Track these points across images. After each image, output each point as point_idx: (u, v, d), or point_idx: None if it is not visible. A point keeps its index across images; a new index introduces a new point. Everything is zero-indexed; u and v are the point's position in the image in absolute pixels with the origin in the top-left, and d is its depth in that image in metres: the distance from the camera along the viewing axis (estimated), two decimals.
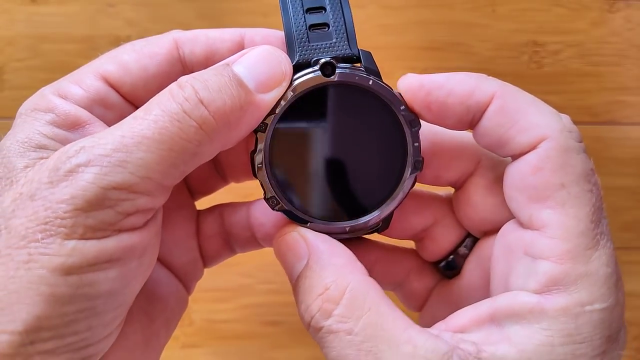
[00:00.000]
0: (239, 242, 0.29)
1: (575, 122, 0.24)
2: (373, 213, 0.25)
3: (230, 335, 0.51)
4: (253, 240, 0.28)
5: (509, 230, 0.24)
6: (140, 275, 0.22)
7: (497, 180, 0.25)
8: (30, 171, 0.21)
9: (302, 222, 0.25)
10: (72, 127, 0.22)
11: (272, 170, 0.24)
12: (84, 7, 0.48)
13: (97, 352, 0.21)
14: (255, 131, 0.23)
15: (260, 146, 0.24)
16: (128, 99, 0.24)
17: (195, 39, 0.24)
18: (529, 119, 0.22)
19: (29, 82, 0.48)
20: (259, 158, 0.24)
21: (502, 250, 0.24)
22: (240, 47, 0.24)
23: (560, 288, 0.21)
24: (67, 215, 0.19)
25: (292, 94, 0.23)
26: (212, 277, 0.30)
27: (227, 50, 0.24)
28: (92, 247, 0.19)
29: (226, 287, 0.50)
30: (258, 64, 0.22)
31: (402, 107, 0.24)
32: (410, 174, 0.24)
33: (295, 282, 0.23)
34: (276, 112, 0.23)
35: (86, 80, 0.23)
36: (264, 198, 0.24)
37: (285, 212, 0.24)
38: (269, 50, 0.23)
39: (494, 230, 0.25)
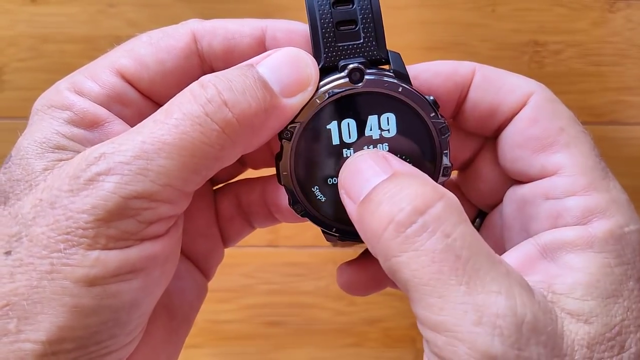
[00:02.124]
0: (257, 219, 0.28)
1: None
2: None
3: (232, 335, 0.51)
4: (271, 215, 0.28)
5: (517, 188, 0.24)
6: (162, 283, 0.22)
7: None
8: (49, 175, 0.20)
9: (328, 228, 0.24)
10: (90, 126, 0.22)
11: (298, 177, 0.24)
12: (84, 8, 0.48)
13: (121, 357, 0.21)
14: (281, 138, 0.23)
15: (286, 153, 0.23)
16: (146, 94, 0.23)
17: (214, 32, 0.24)
18: (512, 81, 0.24)
19: (30, 82, 0.48)
20: (284, 165, 0.23)
21: (515, 207, 0.24)
22: (261, 42, 0.24)
23: (598, 215, 0.21)
24: (89, 226, 0.19)
25: (318, 101, 0.23)
26: (214, 278, 0.30)
27: (247, 45, 0.24)
28: (114, 258, 0.19)
29: (228, 288, 0.50)
30: (283, 66, 0.22)
31: (432, 114, 0.23)
32: (439, 181, 0.24)
33: (371, 193, 0.21)
34: (302, 120, 0.23)
35: (102, 75, 0.23)
36: (289, 204, 0.24)
37: (311, 217, 0.24)
38: (295, 52, 0.22)
39: (499, 202, 0.26)
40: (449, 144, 0.24)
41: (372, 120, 0.23)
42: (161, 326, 0.24)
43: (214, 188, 0.29)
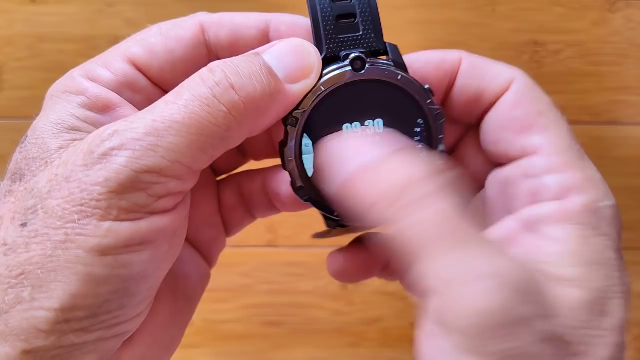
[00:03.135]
0: (259, 210, 0.29)
1: (576, 122, 0.24)
2: None
3: (230, 335, 0.51)
4: (272, 206, 0.29)
5: (499, 170, 0.26)
6: (169, 257, 0.23)
7: None
8: (64, 153, 0.21)
9: (330, 213, 0.25)
10: (103, 110, 0.23)
11: (302, 163, 0.24)
12: (83, 7, 0.48)
13: (129, 329, 0.22)
14: (285, 124, 0.24)
15: (291, 139, 0.24)
16: (155, 82, 0.24)
17: (221, 23, 0.25)
18: (496, 69, 0.25)
19: (28, 81, 0.48)
20: (289, 151, 0.24)
21: (497, 188, 0.26)
22: (265, 34, 0.25)
23: (574, 191, 0.22)
24: (102, 197, 0.20)
25: (322, 88, 0.24)
26: (212, 277, 0.30)
27: (251, 37, 0.25)
28: (126, 229, 0.20)
29: (226, 288, 0.50)
30: (287, 55, 0.23)
31: (429, 101, 0.24)
32: None
33: (370, 162, 0.21)
34: (307, 107, 0.24)
35: (114, 63, 0.24)
36: (293, 188, 0.25)
37: (313, 202, 0.25)
38: (299, 42, 0.23)
39: (481, 189, 0.27)
40: (443, 129, 0.25)
41: (373, 106, 0.24)
42: (167, 306, 0.25)
43: (217, 179, 0.30)
